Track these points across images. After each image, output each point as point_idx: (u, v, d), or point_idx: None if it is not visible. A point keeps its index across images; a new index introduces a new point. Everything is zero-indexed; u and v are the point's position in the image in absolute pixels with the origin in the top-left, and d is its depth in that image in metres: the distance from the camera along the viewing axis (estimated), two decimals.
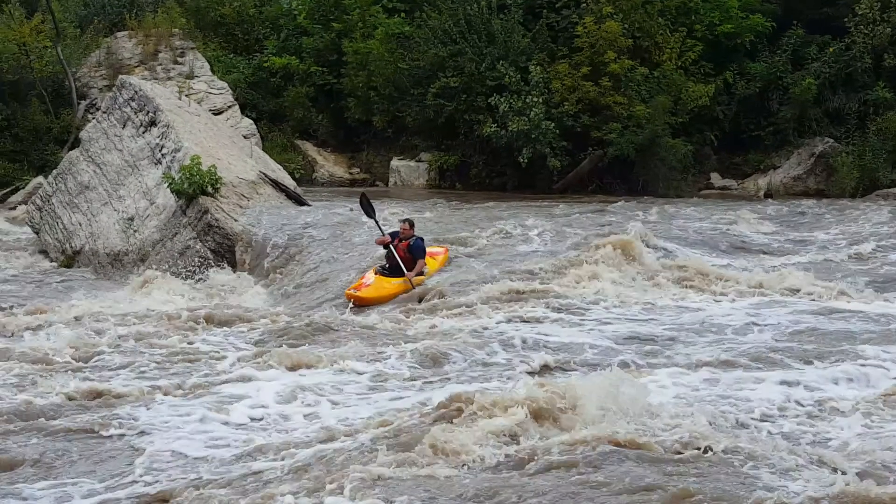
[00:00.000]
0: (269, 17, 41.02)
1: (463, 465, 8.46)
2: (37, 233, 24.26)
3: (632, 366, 11.79)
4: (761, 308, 14.83)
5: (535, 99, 32.16)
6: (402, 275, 16.61)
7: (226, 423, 9.97)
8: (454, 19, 34.68)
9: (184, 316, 14.71)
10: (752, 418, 9.84)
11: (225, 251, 20.32)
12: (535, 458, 8.49)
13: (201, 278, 19.63)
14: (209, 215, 20.68)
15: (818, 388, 10.82)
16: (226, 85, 35.68)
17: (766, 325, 13.77)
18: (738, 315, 14.39)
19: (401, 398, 10.75)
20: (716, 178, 35.02)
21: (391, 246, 16.93)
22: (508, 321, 14.10)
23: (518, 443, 8.80)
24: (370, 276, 16.69)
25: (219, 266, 19.90)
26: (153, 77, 33.91)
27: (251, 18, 41.14)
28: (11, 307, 16.66)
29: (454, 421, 9.19)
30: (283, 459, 8.80)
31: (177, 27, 37.81)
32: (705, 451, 8.50)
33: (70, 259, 22.94)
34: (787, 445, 8.85)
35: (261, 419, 10.14)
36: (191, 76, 34.98)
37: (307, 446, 9.13)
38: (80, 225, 23.14)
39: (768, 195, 33.03)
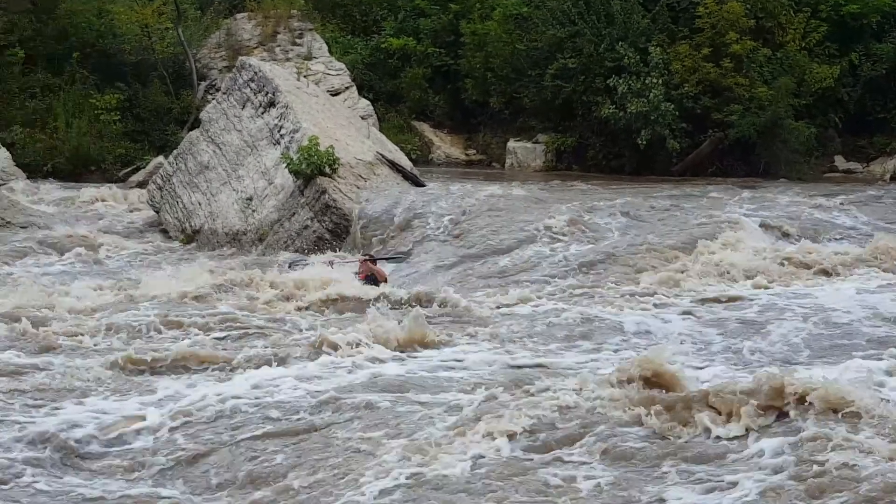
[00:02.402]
0: None
1: None
2: (157, 212, 24.53)
3: None
4: None
5: (655, 80, 31.68)
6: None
7: None
8: (573, 0, 34.34)
9: None
10: None
11: (342, 231, 20.37)
12: None
13: None
14: (327, 195, 20.75)
15: None
16: (343, 66, 35.75)
17: None
18: None
19: None
20: (840, 161, 34.21)
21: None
22: None
23: None
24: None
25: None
26: (272, 58, 34.11)
27: (369, 0, 41.21)
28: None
29: None
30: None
31: (295, 8, 37.92)
32: None
33: (189, 238, 23.18)
34: None
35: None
36: (309, 57, 35.11)
37: None
38: (200, 204, 23.35)
39: (895, 178, 32.22)
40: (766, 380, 8.95)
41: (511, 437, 8.76)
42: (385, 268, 17.79)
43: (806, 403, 8.62)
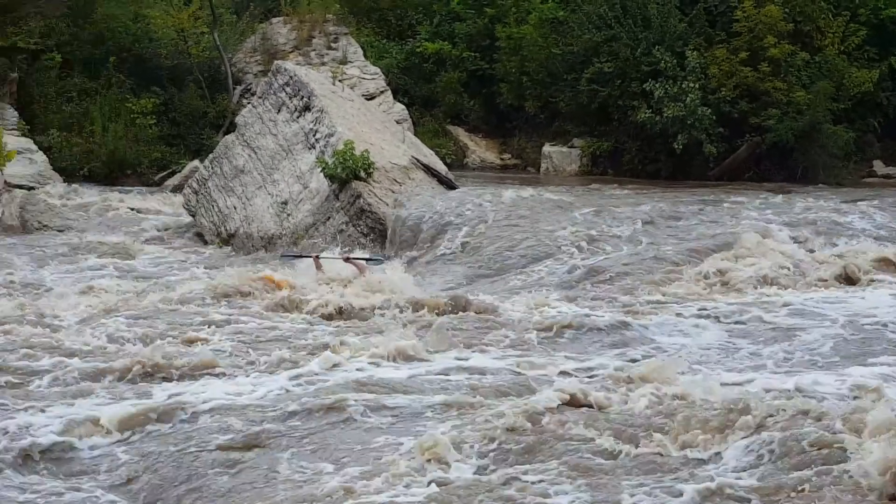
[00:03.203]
0: (422, 2, 40.96)
1: None
2: (193, 216, 24.58)
3: None
4: None
5: (692, 84, 31.48)
6: None
7: None
8: (609, 4, 34.15)
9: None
10: None
11: (377, 235, 20.33)
12: None
13: None
14: (362, 200, 20.71)
15: None
16: (378, 70, 35.80)
17: None
18: None
19: None
20: (879, 166, 33.93)
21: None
22: None
23: None
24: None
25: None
26: (307, 62, 34.17)
27: (404, 4, 41.18)
28: None
29: None
30: None
31: (331, 13, 38.06)
32: None
33: (225, 242, 23.20)
34: None
35: None
36: (344, 61, 35.19)
37: None
38: (235, 208, 23.36)
39: None
40: (732, 403, 8.90)
41: (478, 455, 8.43)
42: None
43: (775, 419, 8.50)
